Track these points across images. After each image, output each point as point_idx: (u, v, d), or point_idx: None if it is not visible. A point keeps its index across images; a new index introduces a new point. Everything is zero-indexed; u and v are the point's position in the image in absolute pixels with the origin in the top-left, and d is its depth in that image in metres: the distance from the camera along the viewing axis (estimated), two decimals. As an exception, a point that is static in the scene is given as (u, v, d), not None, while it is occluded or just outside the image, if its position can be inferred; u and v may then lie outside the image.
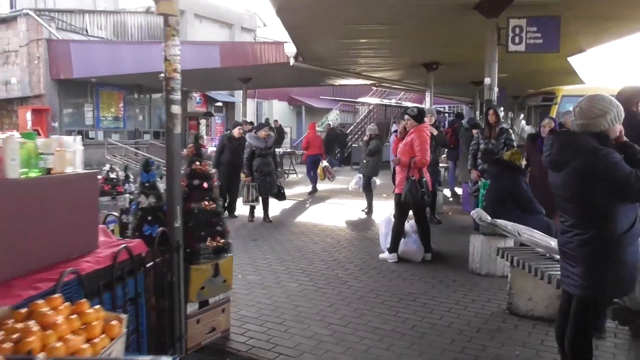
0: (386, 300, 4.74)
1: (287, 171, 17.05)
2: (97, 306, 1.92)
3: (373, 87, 23.47)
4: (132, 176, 5.64)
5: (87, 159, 3.48)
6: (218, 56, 14.06)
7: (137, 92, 21.07)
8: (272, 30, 27.13)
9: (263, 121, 22.22)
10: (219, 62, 14.06)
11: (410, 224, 6.45)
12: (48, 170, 2.54)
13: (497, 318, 4.28)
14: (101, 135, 19.97)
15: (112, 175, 5.42)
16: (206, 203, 3.67)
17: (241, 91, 17.19)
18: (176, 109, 3.36)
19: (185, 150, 3.83)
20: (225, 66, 14.09)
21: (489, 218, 4.73)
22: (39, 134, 12.91)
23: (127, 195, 5.17)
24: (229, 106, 25.46)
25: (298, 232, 7.94)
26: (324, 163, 12.49)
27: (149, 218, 3.43)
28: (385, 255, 6.30)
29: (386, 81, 16.91)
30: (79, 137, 2.92)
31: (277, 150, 16.85)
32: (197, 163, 3.72)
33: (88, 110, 19.73)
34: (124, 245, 2.69)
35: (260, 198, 8.62)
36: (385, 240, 6.47)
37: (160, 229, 3.22)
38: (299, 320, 4.24)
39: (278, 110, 29.04)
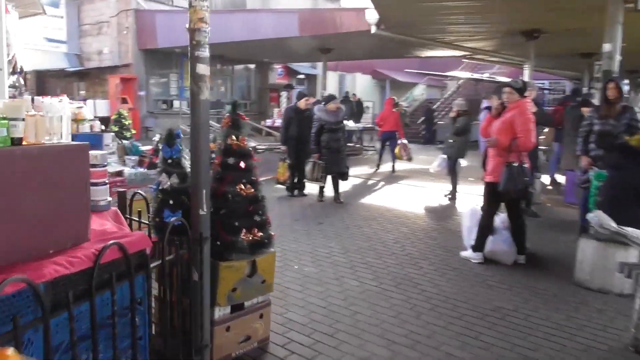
0: (465, 314, 3.84)
1: (365, 148, 16.18)
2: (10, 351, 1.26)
3: (463, 60, 21.71)
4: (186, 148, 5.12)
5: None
6: (297, 24, 13.37)
7: (219, 63, 21.01)
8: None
9: (344, 95, 21.41)
10: (297, 30, 13.38)
11: (500, 218, 5.41)
12: (17, 141, 1.94)
13: (617, 358, 3.24)
14: (185, 106, 20.22)
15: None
16: (242, 187, 2.97)
17: (322, 63, 16.47)
18: (203, 68, 2.65)
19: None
20: (304, 35, 13.38)
21: (614, 225, 3.64)
22: (127, 102, 13.02)
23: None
24: (311, 79, 24.84)
25: (369, 217, 7.13)
26: (402, 140, 11.54)
27: (171, 202, 2.80)
28: (468, 253, 5.34)
29: (479, 52, 15.33)
30: (66, 99, 2.31)
31: (356, 125, 16.10)
32: (234, 137, 3.01)
33: (173, 80, 20.00)
34: (114, 241, 2.05)
35: (325, 177, 7.89)
36: (469, 235, 5.50)
37: (174, 218, 2.57)
38: (354, 333, 3.47)
39: (361, 84, 28.04)
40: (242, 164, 3.00)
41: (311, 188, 8.40)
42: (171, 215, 2.76)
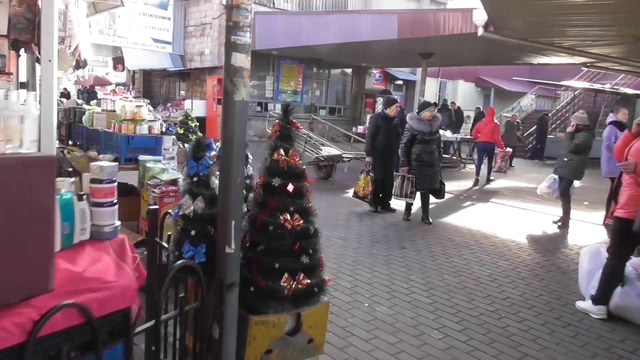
0: (586, 403, 2.84)
1: (463, 160, 14.89)
2: None
3: (583, 68, 19.46)
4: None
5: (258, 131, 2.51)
6: (396, 26, 12.53)
7: (316, 67, 20.71)
8: (466, 1, 24.46)
9: (442, 102, 20.13)
10: (396, 32, 12.53)
11: (633, 264, 4.23)
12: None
13: None
14: (279, 108, 20.12)
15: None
16: (288, 217, 2.27)
17: (421, 69, 15.45)
18: (241, 59, 1.99)
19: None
20: (403, 37, 12.50)
21: None
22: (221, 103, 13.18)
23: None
24: (409, 85, 23.79)
25: (461, 243, 6.15)
26: (501, 151, 10.62)
27: (193, 233, 2.17)
28: (586, 305, 4.23)
29: (604, 59, 13.44)
30: (32, 95, 1.76)
31: (454, 135, 14.87)
32: (282, 152, 2.32)
33: (269, 82, 20.00)
34: (69, 302, 1.43)
35: (415, 193, 6.99)
36: (588, 281, 4.39)
37: (180, 262, 1.92)
38: (429, 416, 2.64)
39: (463, 92, 26.42)
40: (290, 187, 2.30)
41: (398, 204, 7.54)
42: (192, 250, 2.13)
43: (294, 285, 2.25)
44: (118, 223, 2.19)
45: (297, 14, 16.97)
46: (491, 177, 11.70)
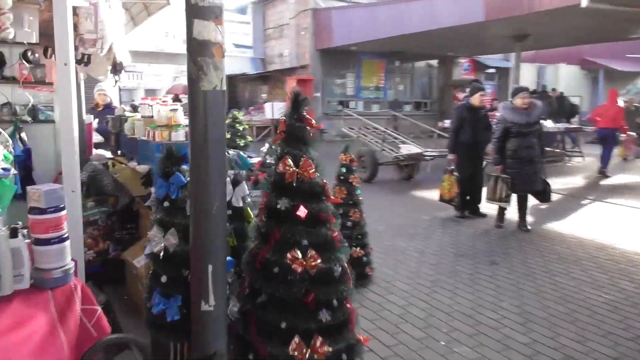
0: None
1: (569, 153, 13.18)
2: None
3: None
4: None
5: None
6: (482, 7, 11.29)
7: (398, 60, 19.72)
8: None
9: (541, 89, 18.23)
10: (483, 14, 11.30)
11: None
12: None
13: None
14: (361, 106, 19.44)
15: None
16: (298, 255, 1.56)
17: (515, 53, 13.97)
18: (208, 30, 1.32)
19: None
20: (491, 19, 11.25)
21: None
22: None
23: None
24: (502, 73, 21.94)
25: (569, 257, 5.04)
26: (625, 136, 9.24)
27: (164, 279, 1.54)
28: None
29: None
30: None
31: (556, 126, 13.21)
32: (290, 162, 1.62)
33: (350, 80, 19.36)
34: None
35: (512, 196, 5.94)
36: None
37: (107, 337, 1.29)
38: None
39: (565, 76, 23.96)
40: (302, 212, 1.58)
41: (491, 207, 6.49)
42: (163, 304, 1.50)
43: (307, 355, 1.53)
44: (70, 265, 1.63)
45: (374, 5, 16.12)
46: (607, 173, 10.09)
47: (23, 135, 4.06)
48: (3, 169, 3.05)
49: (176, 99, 17.00)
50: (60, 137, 3.19)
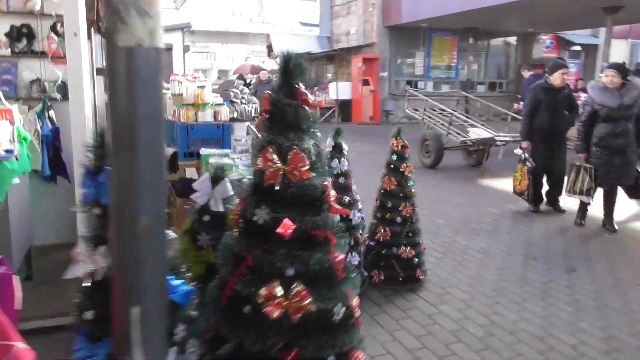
0: None
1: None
2: None
3: None
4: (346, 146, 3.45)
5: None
6: (570, -26, 10.06)
7: (472, 37, 18.42)
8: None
9: (635, 67, 16.37)
10: (570, -18, 10.07)
11: None
12: None
13: None
14: (430, 86, 18.44)
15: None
16: (277, 291, 1.07)
17: (605, 29, 12.49)
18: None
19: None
20: (579, -12, 10.00)
21: None
22: (368, 83, 12.06)
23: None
24: (590, 50, 20.00)
25: (667, 266, 4.21)
26: None
27: (90, 315, 1.11)
28: None
29: None
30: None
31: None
32: (272, 154, 1.12)
33: (419, 59, 18.37)
34: None
35: (596, 190, 5.10)
36: None
37: None
38: None
39: (664, 54, 21.46)
40: (286, 227, 1.09)
41: (571, 202, 5.65)
42: (87, 350, 1.07)
43: None
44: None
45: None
46: None
47: (52, 113, 3.84)
48: (6, 150, 2.77)
49: (240, 77, 16.86)
50: (70, 114, 2.88)
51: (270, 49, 21.90)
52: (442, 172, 8.29)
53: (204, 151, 3.19)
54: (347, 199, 3.26)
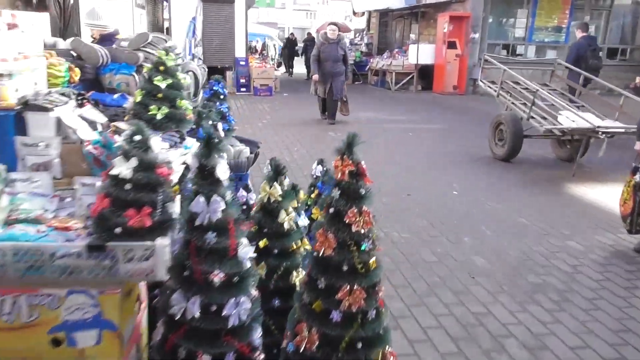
0: None
1: None
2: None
3: None
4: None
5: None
6: None
7: (591, -7, 15.20)
8: None
9: None
10: None
11: None
12: None
13: None
14: (532, 51, 15.62)
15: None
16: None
17: None
18: None
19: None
20: None
21: None
22: (455, 47, 9.87)
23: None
24: None
25: None
26: None
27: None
28: None
29: None
30: None
31: None
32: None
33: (520, 18, 15.54)
34: None
35: None
36: None
37: None
38: None
39: None
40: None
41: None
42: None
43: None
44: None
45: None
46: None
47: None
48: None
49: (309, 36, 14.67)
50: None
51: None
52: (517, 167, 6.28)
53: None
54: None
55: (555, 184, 5.61)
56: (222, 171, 1.68)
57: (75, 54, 2.92)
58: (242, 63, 13.60)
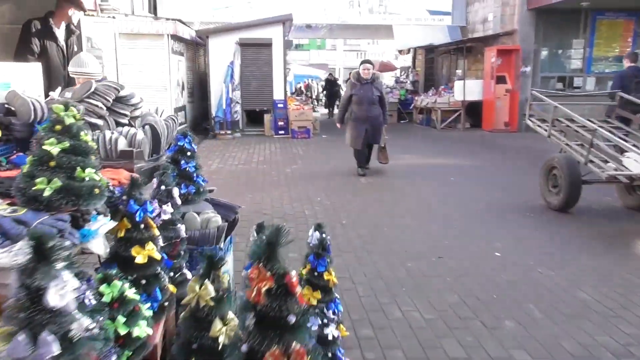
0: None
1: None
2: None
3: None
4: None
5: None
6: None
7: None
8: None
9: None
10: None
11: None
12: None
13: None
14: (591, 83, 14.41)
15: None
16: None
17: None
18: None
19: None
20: None
21: None
22: (505, 81, 9.02)
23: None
24: None
25: None
26: None
27: None
28: None
29: None
30: None
31: None
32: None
33: (577, 48, 14.45)
34: None
35: None
36: None
37: None
38: None
39: None
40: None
41: None
42: None
43: None
44: None
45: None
46: None
47: None
48: None
49: (330, 76, 14.23)
50: None
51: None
52: (576, 219, 5.32)
53: None
54: None
55: (624, 241, 4.63)
56: (57, 296, 1.08)
57: (12, 108, 2.46)
58: (280, 105, 13.27)
